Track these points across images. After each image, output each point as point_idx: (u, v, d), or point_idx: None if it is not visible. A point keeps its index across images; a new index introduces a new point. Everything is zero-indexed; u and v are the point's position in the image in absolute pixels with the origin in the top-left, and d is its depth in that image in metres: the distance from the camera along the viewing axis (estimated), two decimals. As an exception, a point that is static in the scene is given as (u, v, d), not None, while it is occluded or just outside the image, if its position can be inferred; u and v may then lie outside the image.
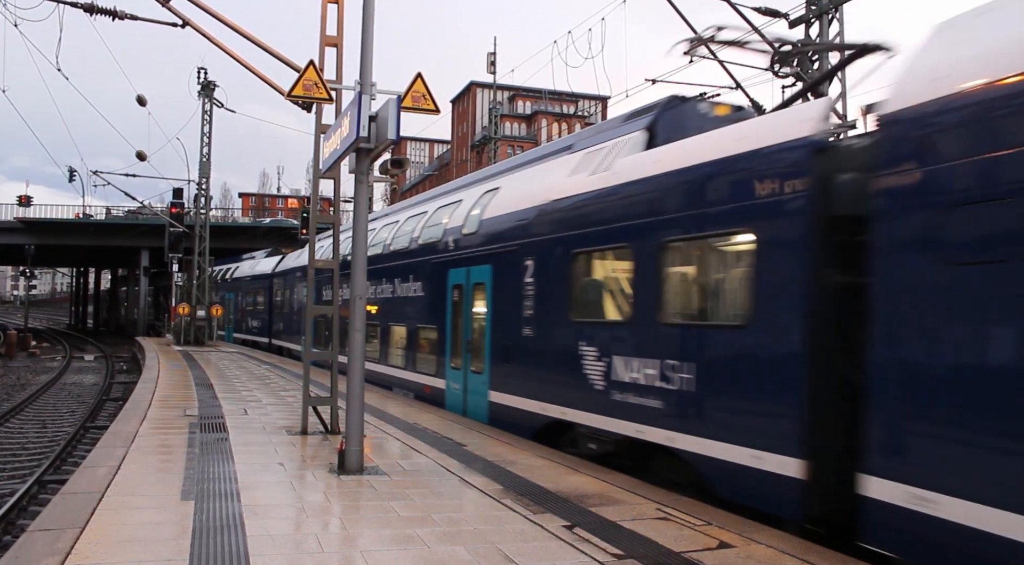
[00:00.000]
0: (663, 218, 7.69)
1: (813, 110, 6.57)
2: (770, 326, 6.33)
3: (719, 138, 7.33)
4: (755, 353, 6.49)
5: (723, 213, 6.96)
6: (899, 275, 5.20)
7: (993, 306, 4.64)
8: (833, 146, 6.35)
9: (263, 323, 29.61)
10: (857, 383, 5.50)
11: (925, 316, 5.02)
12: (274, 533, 5.49)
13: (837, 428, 5.81)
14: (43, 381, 25.52)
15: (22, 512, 10.05)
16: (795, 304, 6.13)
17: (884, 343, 5.26)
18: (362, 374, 7.93)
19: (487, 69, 35.99)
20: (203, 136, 32.11)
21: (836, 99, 14.58)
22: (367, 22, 7.83)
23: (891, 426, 5.18)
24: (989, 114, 4.74)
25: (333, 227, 10.88)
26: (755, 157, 6.67)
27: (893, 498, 5.05)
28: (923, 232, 5.07)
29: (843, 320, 5.88)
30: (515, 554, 5.16)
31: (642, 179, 8.10)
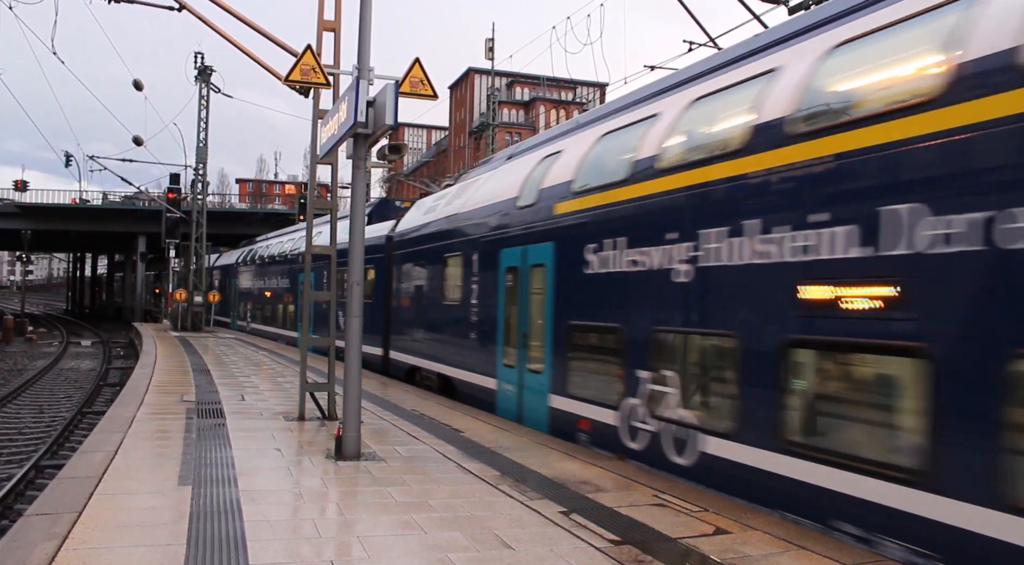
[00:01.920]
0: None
1: (391, 224, 17.37)
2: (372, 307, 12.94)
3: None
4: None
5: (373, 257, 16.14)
6: (399, 280, 16.01)
7: (407, 293, 15.46)
8: (391, 237, 16.75)
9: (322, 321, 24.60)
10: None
11: (401, 295, 15.90)
12: (271, 518, 5.50)
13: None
14: (40, 366, 25.51)
15: (19, 497, 10.07)
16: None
17: (394, 304, 16.40)
18: (359, 360, 7.92)
19: (485, 55, 35.77)
20: (200, 121, 31.98)
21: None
22: (365, 6, 7.78)
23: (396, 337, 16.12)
24: (404, 243, 15.91)
25: (331, 213, 10.85)
26: (378, 238, 17.10)
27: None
28: (401, 269, 15.88)
29: (390, 298, 16.54)
30: (512, 539, 5.17)
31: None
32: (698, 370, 7.31)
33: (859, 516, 5.20)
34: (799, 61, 6.49)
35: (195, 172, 33.04)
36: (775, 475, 5.89)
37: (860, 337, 5.38)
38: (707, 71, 8.09)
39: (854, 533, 5.25)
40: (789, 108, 6.20)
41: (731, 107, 7.28)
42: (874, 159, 5.34)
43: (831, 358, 5.83)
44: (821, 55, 6.26)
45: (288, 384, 13.60)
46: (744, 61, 7.50)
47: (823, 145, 5.76)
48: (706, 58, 8.57)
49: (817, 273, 5.71)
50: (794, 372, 5.99)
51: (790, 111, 6.17)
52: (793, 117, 6.10)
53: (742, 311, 6.44)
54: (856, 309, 5.42)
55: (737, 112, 7.01)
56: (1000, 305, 4.53)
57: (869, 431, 5.50)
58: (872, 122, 5.39)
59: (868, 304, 5.36)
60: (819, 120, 5.90)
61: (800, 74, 6.33)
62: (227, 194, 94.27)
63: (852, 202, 5.47)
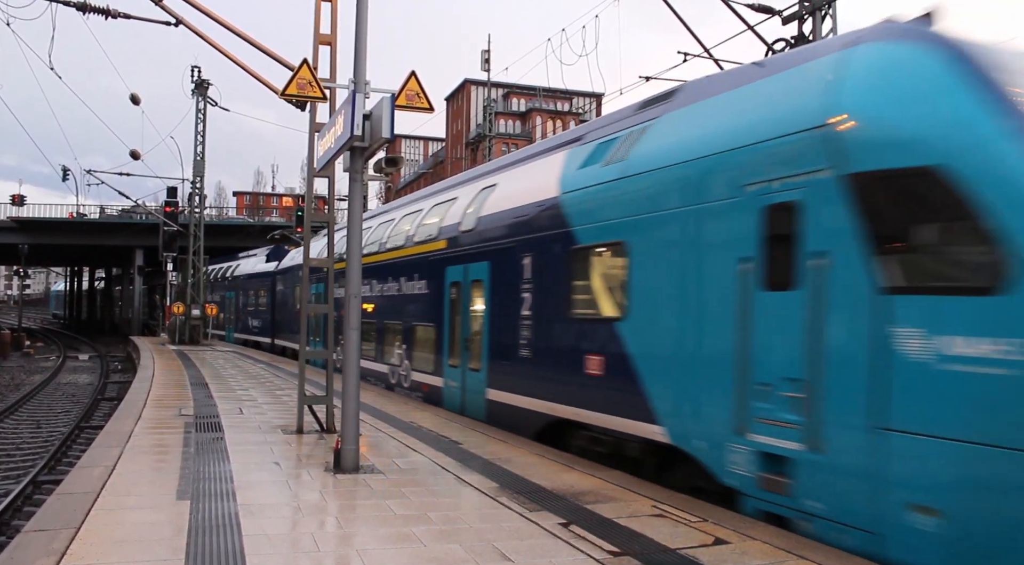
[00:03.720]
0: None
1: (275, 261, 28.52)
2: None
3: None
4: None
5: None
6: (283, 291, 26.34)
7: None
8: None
9: (265, 322, 29.70)
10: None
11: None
12: (270, 532, 5.49)
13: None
14: (38, 381, 25.46)
15: (17, 512, 10.03)
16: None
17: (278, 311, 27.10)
18: (358, 372, 7.93)
19: (481, 66, 35.95)
20: (197, 135, 32.03)
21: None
22: (361, 20, 7.82)
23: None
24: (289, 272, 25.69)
25: (328, 225, 10.87)
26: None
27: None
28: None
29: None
30: (511, 552, 5.16)
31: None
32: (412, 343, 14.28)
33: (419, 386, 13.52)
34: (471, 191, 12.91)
35: (192, 185, 33.10)
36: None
37: (415, 321, 13.80)
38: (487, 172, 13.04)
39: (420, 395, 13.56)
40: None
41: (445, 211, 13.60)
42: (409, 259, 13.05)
43: (417, 330, 13.80)
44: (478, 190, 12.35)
45: (286, 397, 13.58)
46: (525, 162, 11.52)
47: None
48: (519, 151, 12.73)
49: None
50: (411, 336, 14.10)
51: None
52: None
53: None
54: (421, 309, 13.61)
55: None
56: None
57: (428, 356, 13.28)
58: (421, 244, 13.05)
59: (424, 308, 13.53)
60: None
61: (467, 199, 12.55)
62: (224, 207, 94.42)
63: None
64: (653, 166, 7.80)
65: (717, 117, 7.32)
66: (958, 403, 5.01)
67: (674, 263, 7.42)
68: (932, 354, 5.13)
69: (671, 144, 7.70)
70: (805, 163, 6.05)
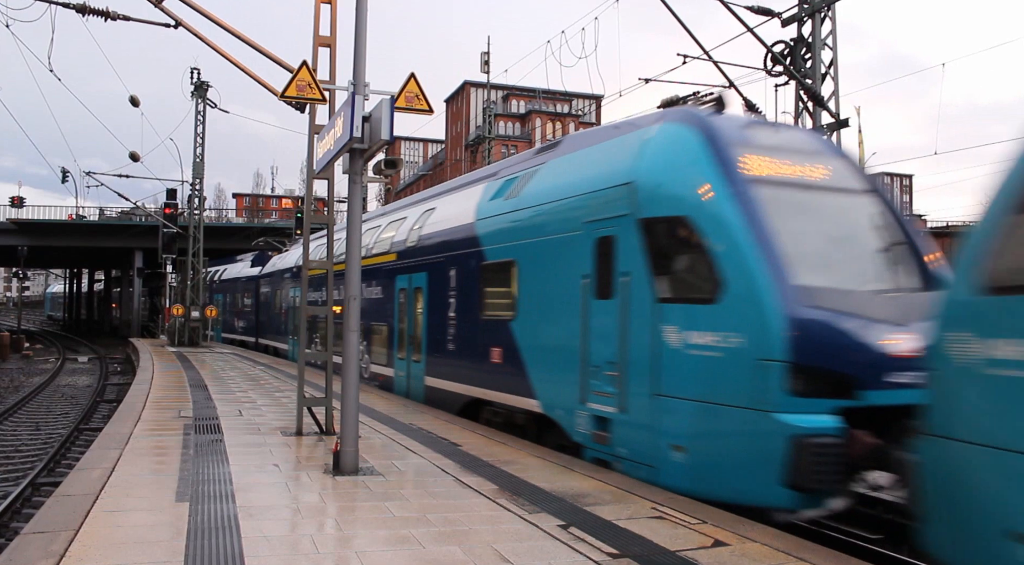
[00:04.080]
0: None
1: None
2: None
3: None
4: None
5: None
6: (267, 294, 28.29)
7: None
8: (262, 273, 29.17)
9: (250, 323, 31.81)
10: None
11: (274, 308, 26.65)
12: (269, 534, 5.49)
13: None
14: (37, 383, 25.44)
15: (16, 515, 10.02)
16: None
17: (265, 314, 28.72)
18: (357, 374, 7.93)
19: (481, 68, 35.94)
20: (196, 136, 32.03)
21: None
22: (360, 22, 7.83)
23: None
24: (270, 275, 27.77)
25: (327, 227, 10.87)
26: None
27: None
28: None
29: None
30: (510, 554, 5.16)
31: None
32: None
33: (376, 376, 15.21)
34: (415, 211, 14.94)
35: (192, 187, 33.09)
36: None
37: (373, 321, 15.51)
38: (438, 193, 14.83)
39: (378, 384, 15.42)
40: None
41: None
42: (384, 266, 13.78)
43: (375, 329, 15.51)
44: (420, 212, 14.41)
45: (286, 399, 13.58)
46: (457, 190, 13.67)
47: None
48: (465, 176, 14.46)
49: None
50: (371, 334, 15.90)
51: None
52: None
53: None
54: (378, 311, 15.32)
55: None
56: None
57: (383, 351, 15.18)
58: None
59: (380, 311, 15.46)
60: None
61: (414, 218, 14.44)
62: (224, 209, 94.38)
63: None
64: (535, 203, 10.19)
65: (575, 168, 9.72)
66: (696, 375, 7.29)
67: (544, 277, 9.75)
68: (682, 343, 7.44)
69: (547, 187, 10.12)
70: (618, 209, 8.40)
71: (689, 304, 7.51)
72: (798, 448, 6.42)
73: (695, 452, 7.25)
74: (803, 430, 6.44)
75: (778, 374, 6.61)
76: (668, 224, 7.84)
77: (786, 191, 7.75)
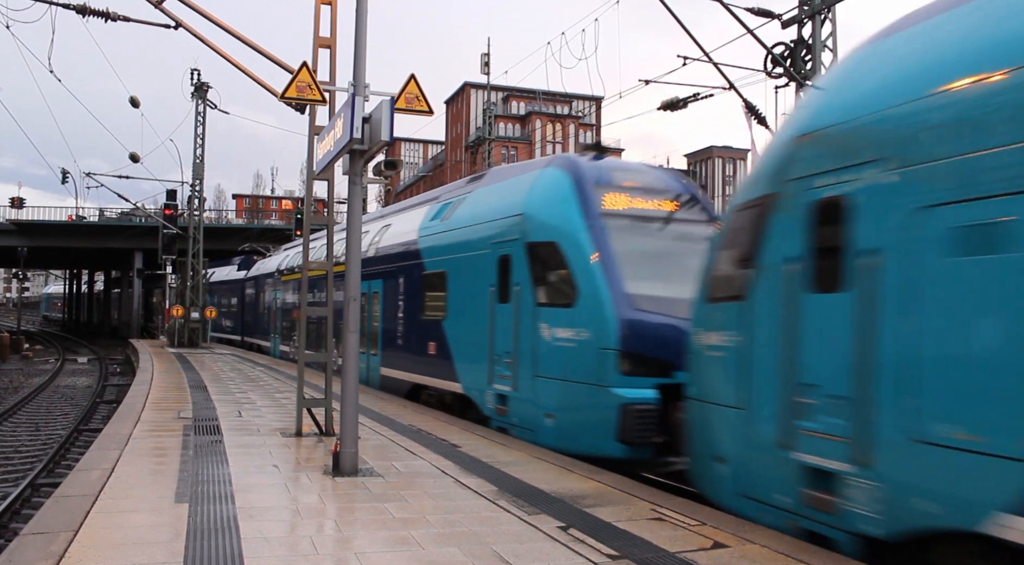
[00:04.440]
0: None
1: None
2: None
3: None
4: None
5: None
6: (252, 296, 30.85)
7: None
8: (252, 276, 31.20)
9: (236, 323, 34.29)
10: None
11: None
12: (269, 535, 5.48)
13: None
14: (36, 384, 25.42)
15: (15, 515, 10.01)
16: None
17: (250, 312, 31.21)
18: (356, 376, 7.93)
19: (481, 70, 35.90)
20: (196, 137, 32.03)
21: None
22: (360, 23, 7.83)
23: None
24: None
25: (327, 228, 10.87)
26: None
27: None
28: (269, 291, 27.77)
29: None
30: (510, 555, 5.16)
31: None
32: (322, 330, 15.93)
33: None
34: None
35: (192, 188, 33.08)
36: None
37: (340, 320, 12.33)
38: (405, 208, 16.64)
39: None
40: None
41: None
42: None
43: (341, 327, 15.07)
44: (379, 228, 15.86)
45: (285, 400, 13.57)
46: (407, 210, 16.05)
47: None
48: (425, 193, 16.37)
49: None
50: (338, 332, 14.24)
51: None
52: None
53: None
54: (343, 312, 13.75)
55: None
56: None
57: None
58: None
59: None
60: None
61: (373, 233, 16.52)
62: (223, 209, 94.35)
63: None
64: (460, 225, 12.56)
65: (490, 198, 12.04)
66: (560, 361, 9.62)
67: (465, 285, 12.01)
68: (551, 337, 9.77)
69: (470, 212, 12.42)
70: (513, 234, 10.75)
71: (556, 307, 9.82)
72: (625, 413, 8.80)
73: (560, 418, 9.63)
74: (629, 400, 8.82)
75: (613, 359, 8.99)
76: (543, 247, 10.18)
77: (631, 221, 10.09)
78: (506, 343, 10.68)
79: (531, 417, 10.08)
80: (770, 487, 6.03)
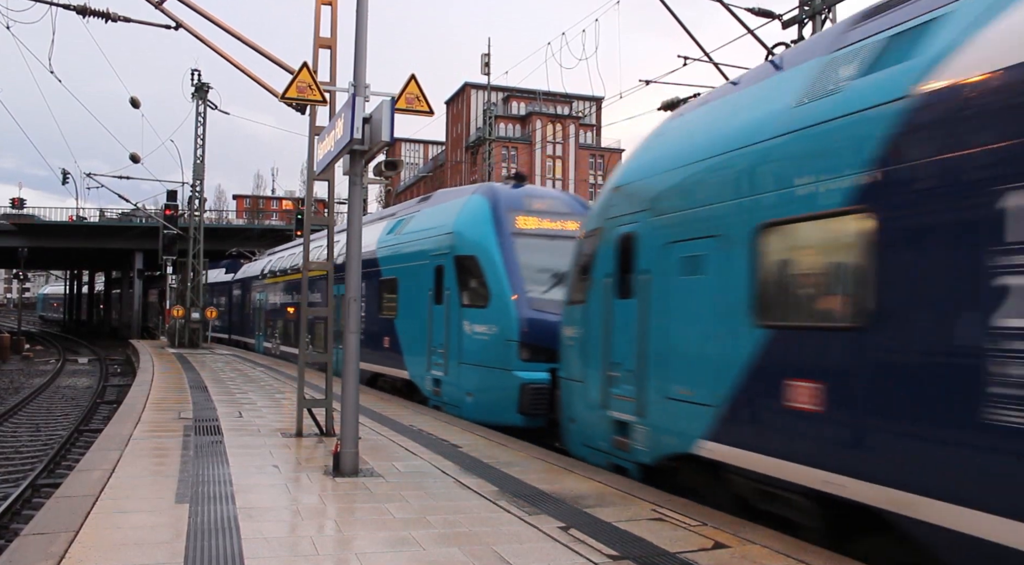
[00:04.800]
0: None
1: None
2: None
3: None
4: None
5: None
6: (239, 296, 33.92)
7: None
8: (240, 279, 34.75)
9: (224, 321, 36.90)
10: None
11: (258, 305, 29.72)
12: (269, 536, 5.48)
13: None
14: (37, 384, 25.42)
15: (16, 516, 10.01)
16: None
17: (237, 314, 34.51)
18: (357, 376, 7.93)
19: (481, 70, 35.88)
20: (197, 138, 32.03)
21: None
22: (360, 23, 7.83)
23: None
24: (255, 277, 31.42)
25: (327, 228, 10.87)
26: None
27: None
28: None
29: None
30: (510, 556, 5.16)
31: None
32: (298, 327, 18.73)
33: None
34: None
35: (192, 188, 33.07)
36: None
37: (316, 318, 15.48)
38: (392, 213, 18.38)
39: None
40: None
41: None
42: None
43: (317, 324, 16.87)
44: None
45: (286, 400, 13.58)
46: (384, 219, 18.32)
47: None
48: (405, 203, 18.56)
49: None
50: (313, 328, 16.42)
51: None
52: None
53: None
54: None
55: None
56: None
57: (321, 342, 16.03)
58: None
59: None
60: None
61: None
62: (224, 210, 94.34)
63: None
64: (408, 239, 14.82)
65: (432, 217, 14.43)
66: (478, 350, 11.91)
67: (411, 289, 14.18)
68: (472, 331, 12.04)
69: (416, 228, 14.87)
70: (445, 248, 13.10)
71: (475, 308, 12.11)
72: (524, 391, 11.14)
73: (477, 396, 11.90)
74: (527, 380, 11.15)
75: (515, 348, 11.36)
76: (467, 259, 12.46)
77: (534, 239, 12.44)
78: (439, 337, 13.00)
79: (457, 396, 12.42)
80: (597, 437, 8.46)
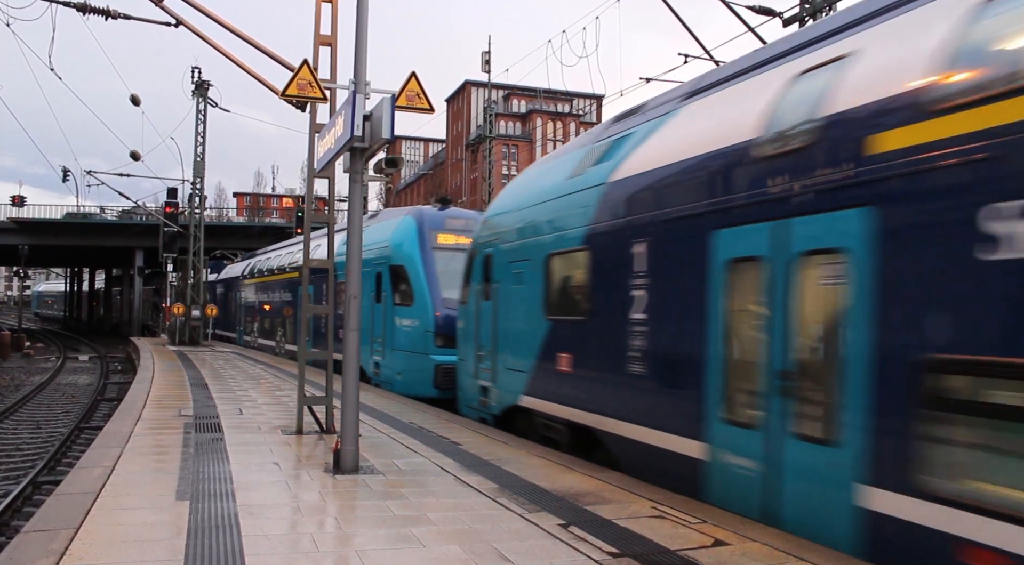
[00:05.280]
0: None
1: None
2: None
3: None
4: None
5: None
6: (221, 294, 38.22)
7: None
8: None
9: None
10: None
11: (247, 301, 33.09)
12: (269, 533, 5.49)
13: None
14: (37, 382, 25.45)
15: (16, 513, 10.03)
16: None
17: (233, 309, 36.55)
18: (357, 373, 7.93)
19: (482, 68, 35.85)
20: (197, 135, 32.02)
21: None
22: (361, 21, 7.82)
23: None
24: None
25: (328, 227, 10.87)
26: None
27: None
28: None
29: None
30: (511, 553, 5.16)
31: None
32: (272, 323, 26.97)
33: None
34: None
35: (192, 186, 33.07)
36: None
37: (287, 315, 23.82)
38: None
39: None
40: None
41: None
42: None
43: (287, 319, 24.85)
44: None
45: (286, 398, 13.58)
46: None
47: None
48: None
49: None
50: (288, 322, 24.86)
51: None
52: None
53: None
54: (293, 306, 23.36)
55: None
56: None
57: (288, 332, 24.65)
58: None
59: (291, 306, 24.54)
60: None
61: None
62: (224, 208, 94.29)
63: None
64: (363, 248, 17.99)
65: (377, 232, 17.08)
66: (405, 339, 15.72)
67: (360, 291, 16.66)
68: (400, 325, 15.83)
69: (367, 240, 15.53)
70: (383, 258, 16.47)
71: (403, 306, 15.69)
72: (438, 371, 14.58)
73: (404, 375, 15.48)
74: (440, 362, 14.53)
75: (432, 338, 14.80)
76: (398, 268, 15.98)
77: (450, 252, 15.54)
78: (379, 329, 16.57)
79: (390, 375, 16.06)
80: (472, 400, 11.81)
